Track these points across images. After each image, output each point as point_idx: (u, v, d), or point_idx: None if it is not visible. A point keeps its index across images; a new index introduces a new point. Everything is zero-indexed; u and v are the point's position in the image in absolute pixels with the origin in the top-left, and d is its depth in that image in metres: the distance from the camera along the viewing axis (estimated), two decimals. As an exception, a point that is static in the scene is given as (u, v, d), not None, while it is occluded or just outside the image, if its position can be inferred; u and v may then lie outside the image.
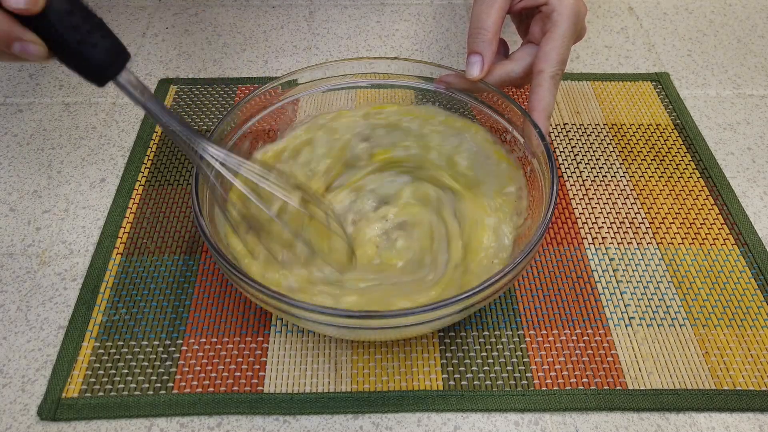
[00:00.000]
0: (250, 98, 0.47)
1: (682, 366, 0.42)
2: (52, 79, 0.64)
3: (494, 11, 0.46)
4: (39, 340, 0.43)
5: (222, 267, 0.37)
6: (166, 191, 0.53)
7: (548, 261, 0.48)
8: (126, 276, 0.46)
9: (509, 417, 0.40)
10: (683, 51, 0.69)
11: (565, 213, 0.51)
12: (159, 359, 0.42)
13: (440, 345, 0.43)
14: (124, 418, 0.39)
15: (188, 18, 0.73)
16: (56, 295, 0.46)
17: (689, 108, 0.61)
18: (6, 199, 0.52)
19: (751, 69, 0.66)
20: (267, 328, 0.44)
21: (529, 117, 0.44)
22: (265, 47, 0.69)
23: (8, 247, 0.49)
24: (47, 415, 0.39)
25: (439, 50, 0.68)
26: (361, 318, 0.35)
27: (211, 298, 0.45)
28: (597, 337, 0.43)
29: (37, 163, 0.56)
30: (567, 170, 0.55)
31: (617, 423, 0.39)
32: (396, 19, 0.73)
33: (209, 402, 0.40)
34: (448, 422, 0.39)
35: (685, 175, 0.54)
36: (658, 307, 0.45)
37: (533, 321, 0.44)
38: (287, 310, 0.36)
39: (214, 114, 0.60)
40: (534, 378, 0.41)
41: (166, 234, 0.49)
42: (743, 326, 0.44)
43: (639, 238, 0.50)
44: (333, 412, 0.40)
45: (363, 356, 0.42)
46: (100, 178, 0.54)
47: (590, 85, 0.63)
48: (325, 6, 0.75)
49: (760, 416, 0.40)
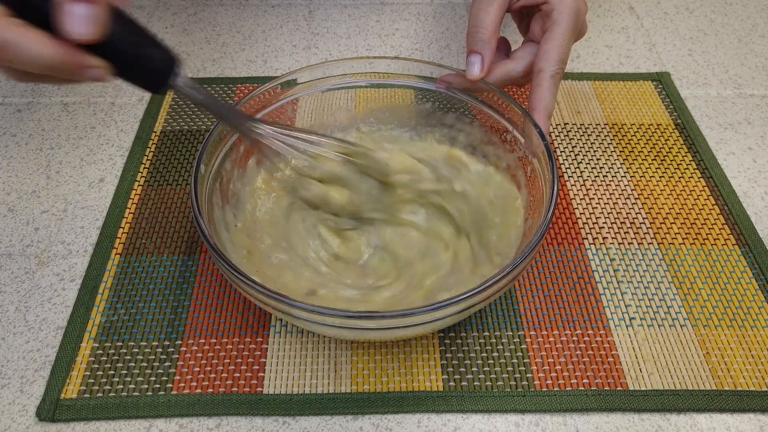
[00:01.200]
0: (249, 98, 0.47)
1: (682, 366, 0.42)
2: (51, 78, 0.64)
3: (493, 9, 0.45)
4: (38, 340, 0.43)
5: (221, 267, 0.37)
6: (165, 191, 0.53)
7: (548, 261, 0.48)
8: (125, 276, 0.46)
9: (509, 418, 0.40)
10: (684, 50, 0.69)
11: (565, 213, 0.51)
12: (158, 360, 0.42)
13: (440, 346, 0.43)
14: (123, 419, 0.39)
15: (187, 17, 0.73)
16: (55, 295, 0.46)
17: (690, 108, 0.61)
18: (4, 199, 0.52)
19: (751, 69, 0.66)
20: (266, 329, 0.44)
21: (529, 117, 0.44)
22: (265, 47, 0.69)
23: (7, 247, 0.49)
24: (46, 416, 0.39)
25: (439, 50, 0.68)
26: (360, 318, 0.35)
27: (210, 298, 0.45)
28: (597, 338, 0.43)
29: (36, 163, 0.55)
30: (567, 170, 0.55)
31: (618, 424, 0.39)
32: (396, 19, 0.73)
33: (208, 403, 0.40)
34: (448, 423, 0.39)
35: (686, 175, 0.54)
36: (659, 308, 0.45)
37: (533, 321, 0.44)
38: (286, 311, 0.35)
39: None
40: (534, 379, 0.41)
41: (165, 234, 0.49)
42: (744, 327, 0.44)
43: (640, 238, 0.49)
44: (332, 413, 0.40)
45: (363, 357, 0.42)
46: (98, 178, 0.54)
47: (591, 84, 0.63)
48: (325, 5, 0.75)
49: (761, 417, 0.40)
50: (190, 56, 0.67)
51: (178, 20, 0.72)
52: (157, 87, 0.35)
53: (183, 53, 0.67)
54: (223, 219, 0.43)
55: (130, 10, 0.33)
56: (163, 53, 0.34)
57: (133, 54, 0.33)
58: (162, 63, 0.34)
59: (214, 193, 0.43)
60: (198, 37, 0.70)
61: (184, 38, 0.70)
